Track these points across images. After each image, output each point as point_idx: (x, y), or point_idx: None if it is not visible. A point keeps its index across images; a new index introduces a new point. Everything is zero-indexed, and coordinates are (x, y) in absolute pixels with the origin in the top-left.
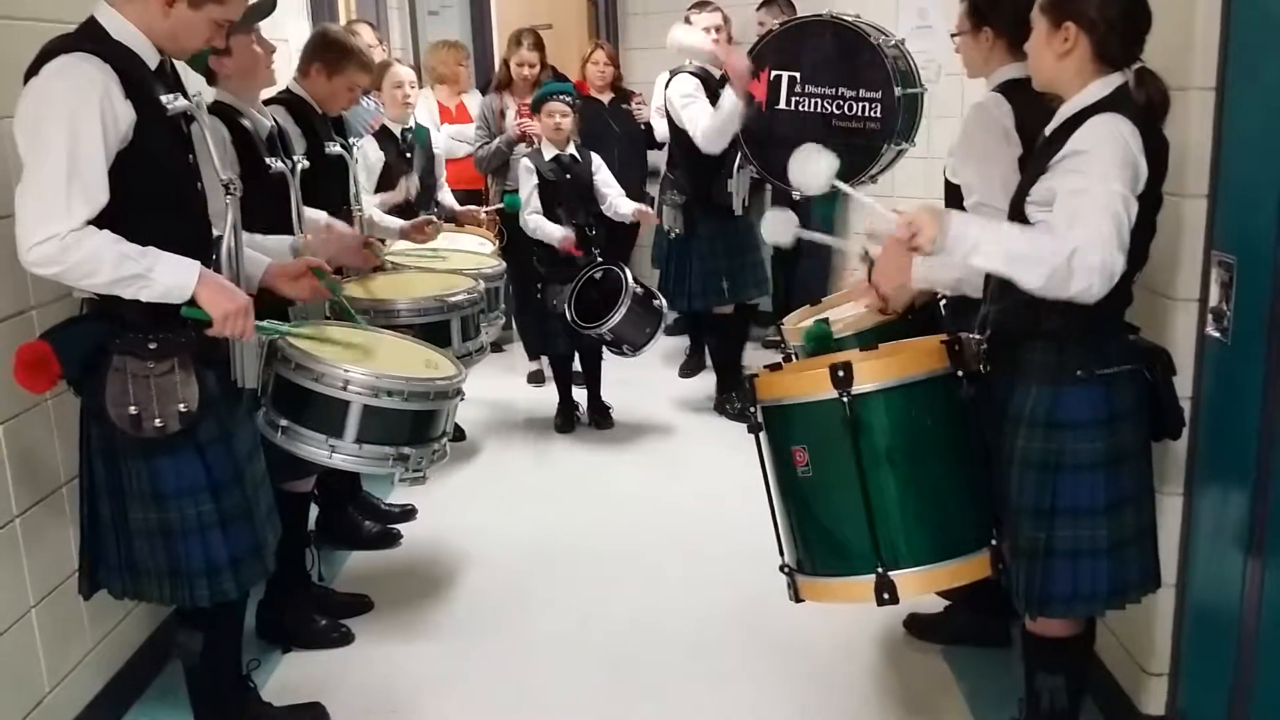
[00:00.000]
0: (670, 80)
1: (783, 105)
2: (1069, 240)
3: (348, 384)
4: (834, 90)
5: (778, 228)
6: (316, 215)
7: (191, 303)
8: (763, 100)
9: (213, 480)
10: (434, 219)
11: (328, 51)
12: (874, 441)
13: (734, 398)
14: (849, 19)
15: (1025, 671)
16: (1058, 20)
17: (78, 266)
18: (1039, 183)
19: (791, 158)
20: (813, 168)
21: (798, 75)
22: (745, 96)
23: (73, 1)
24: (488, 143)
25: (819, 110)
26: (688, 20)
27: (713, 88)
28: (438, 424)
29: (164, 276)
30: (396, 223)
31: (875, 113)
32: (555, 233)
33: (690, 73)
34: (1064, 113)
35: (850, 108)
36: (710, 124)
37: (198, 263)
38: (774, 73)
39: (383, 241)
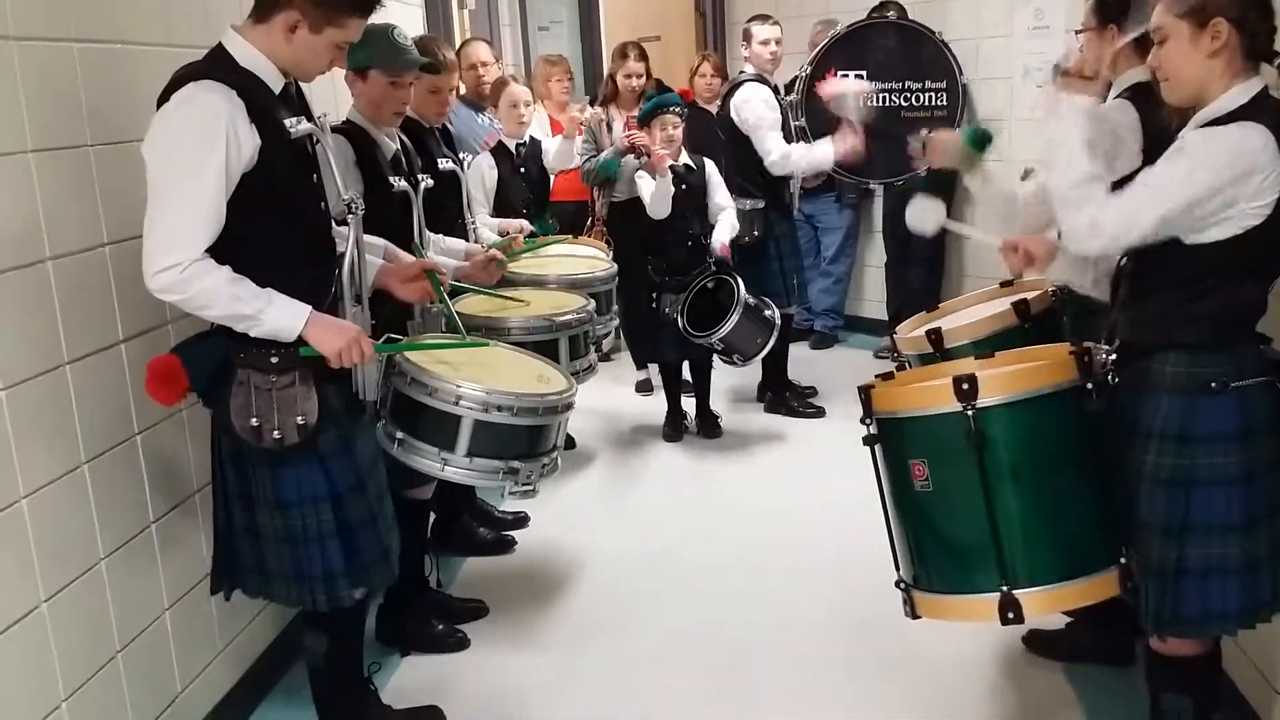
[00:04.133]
0: (738, 88)
1: None
2: (1106, 213)
3: (460, 399)
4: (901, 84)
5: (925, 214)
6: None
7: (305, 342)
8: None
9: (334, 490)
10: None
11: None
12: (999, 456)
13: (787, 396)
14: (910, 19)
15: (1151, 692)
16: (1204, 19)
17: (196, 298)
18: None
19: (908, 208)
20: (927, 214)
21: (864, 73)
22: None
23: (201, 28)
24: (594, 155)
25: (886, 105)
26: (748, 34)
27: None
28: (548, 438)
29: (272, 320)
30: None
31: (942, 100)
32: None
33: (756, 80)
34: (1199, 120)
35: (918, 99)
36: (795, 161)
37: (308, 307)
38: (840, 72)
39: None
